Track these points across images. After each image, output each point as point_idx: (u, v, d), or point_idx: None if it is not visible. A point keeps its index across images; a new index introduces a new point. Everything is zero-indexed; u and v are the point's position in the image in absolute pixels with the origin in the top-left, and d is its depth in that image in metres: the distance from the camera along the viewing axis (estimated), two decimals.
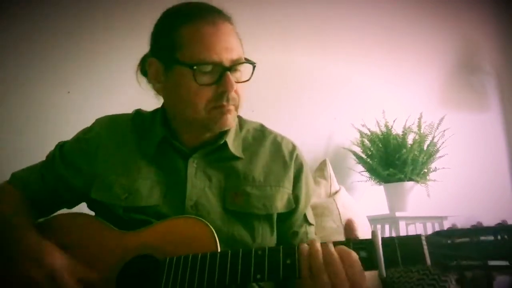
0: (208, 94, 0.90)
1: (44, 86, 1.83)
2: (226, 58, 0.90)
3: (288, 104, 2.29)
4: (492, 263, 0.64)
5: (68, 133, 1.07)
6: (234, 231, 0.94)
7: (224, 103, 0.91)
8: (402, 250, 0.69)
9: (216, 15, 0.93)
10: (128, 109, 1.10)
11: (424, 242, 0.68)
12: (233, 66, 0.91)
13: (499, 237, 0.65)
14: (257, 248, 0.77)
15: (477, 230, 0.67)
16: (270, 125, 1.11)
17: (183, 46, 0.90)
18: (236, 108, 0.95)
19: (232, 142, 1.00)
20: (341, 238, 1.63)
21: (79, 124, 1.09)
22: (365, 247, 0.71)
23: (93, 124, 1.07)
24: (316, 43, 2.46)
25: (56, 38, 1.88)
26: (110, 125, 1.04)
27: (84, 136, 1.04)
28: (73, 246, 0.88)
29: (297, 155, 1.06)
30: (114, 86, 1.94)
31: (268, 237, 0.98)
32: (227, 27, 0.93)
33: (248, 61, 0.94)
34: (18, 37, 1.82)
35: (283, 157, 1.04)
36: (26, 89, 1.81)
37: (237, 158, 1.00)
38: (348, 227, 0.78)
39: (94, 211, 1.01)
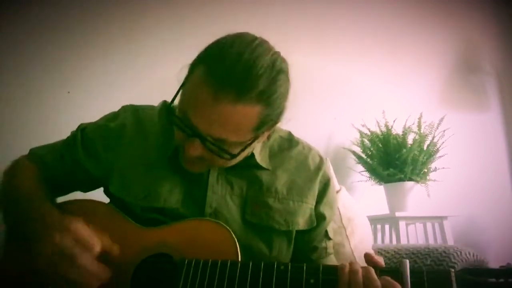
0: (180, 137, 0.84)
1: (44, 86, 1.83)
2: (204, 129, 0.78)
3: (288, 104, 2.29)
4: None
5: (68, 133, 1.06)
6: (252, 242, 0.92)
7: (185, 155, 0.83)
8: (431, 284, 0.68)
9: (231, 89, 0.74)
10: None
11: (453, 279, 0.68)
12: (209, 140, 0.79)
13: None
14: (280, 262, 0.75)
15: (505, 271, 0.67)
16: None
17: (187, 82, 0.80)
18: (210, 166, 0.89)
19: (259, 153, 0.96)
20: (341, 238, 1.62)
21: (79, 124, 1.08)
22: (393, 276, 0.69)
23: (119, 112, 1.02)
24: (316, 43, 2.46)
25: (56, 38, 1.88)
26: (135, 116, 0.99)
27: (108, 123, 0.99)
28: None
29: (324, 170, 1.01)
30: (114, 86, 1.94)
31: (284, 251, 0.96)
32: (230, 110, 0.75)
33: (228, 153, 0.81)
34: (18, 37, 1.82)
35: (308, 170, 0.99)
36: (26, 89, 1.81)
37: (262, 167, 0.96)
38: (369, 260, 0.77)
39: (110, 199, 0.99)
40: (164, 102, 1.02)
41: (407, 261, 0.70)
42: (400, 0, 2.78)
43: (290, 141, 1.04)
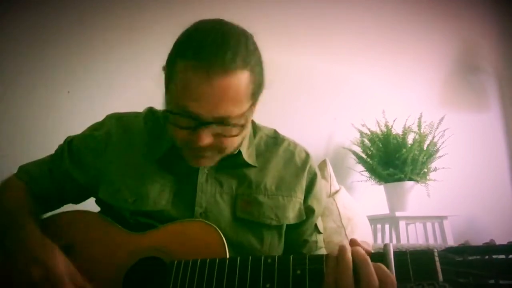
0: (183, 135, 0.83)
1: (44, 86, 1.84)
2: (207, 112, 0.78)
3: (288, 104, 2.29)
4: (503, 282, 0.64)
5: (68, 133, 1.06)
6: (243, 238, 0.92)
7: (196, 151, 0.85)
8: (414, 265, 0.68)
9: (217, 63, 0.77)
10: (128, 109, 1.10)
11: (436, 258, 0.67)
12: (214, 122, 0.80)
13: (510, 256, 0.65)
14: (267, 256, 0.76)
15: (489, 248, 0.67)
16: (270, 125, 1.11)
17: (172, 80, 0.82)
18: (220, 153, 0.88)
19: (246, 150, 0.97)
20: (341, 238, 1.63)
21: (79, 124, 1.08)
22: (377, 260, 0.69)
23: (104, 120, 1.03)
24: (316, 43, 2.46)
25: (56, 38, 1.88)
26: (120, 123, 1.01)
27: (93, 132, 1.01)
28: (79, 245, 0.87)
29: (310, 165, 1.03)
30: (114, 86, 1.94)
31: (276, 245, 0.97)
32: (225, 82, 0.77)
33: (235, 125, 0.82)
34: (18, 37, 1.82)
35: (295, 166, 1.01)
36: (26, 89, 1.81)
37: (250, 165, 0.97)
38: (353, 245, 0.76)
39: (101, 208, 1.00)
40: (150, 108, 1.04)
41: (391, 244, 0.70)
42: (400, 0, 2.79)
43: (275, 138, 1.06)
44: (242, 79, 0.79)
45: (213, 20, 0.86)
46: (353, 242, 0.74)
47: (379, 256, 0.70)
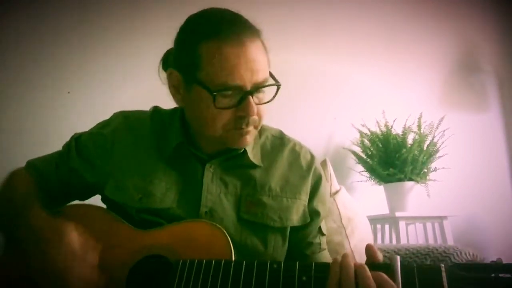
0: (227, 116, 0.86)
1: (44, 86, 1.83)
2: (250, 81, 0.83)
3: (288, 104, 2.29)
4: None
5: (68, 133, 1.06)
6: (247, 240, 0.93)
7: (243, 126, 0.87)
8: (421, 279, 0.68)
9: (243, 31, 0.84)
10: (129, 109, 1.10)
11: (443, 274, 0.67)
12: (256, 89, 0.85)
13: None
14: (273, 261, 0.76)
15: (496, 266, 0.67)
16: (270, 125, 1.10)
17: (204, 66, 0.84)
18: (256, 128, 0.91)
19: (251, 150, 0.98)
20: (341, 238, 1.63)
21: (79, 124, 1.09)
22: (384, 272, 0.69)
23: (111, 118, 1.04)
24: (316, 43, 2.46)
25: (56, 38, 1.88)
26: (127, 122, 1.02)
27: (101, 130, 1.01)
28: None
29: (315, 167, 1.03)
30: (114, 86, 1.94)
31: (280, 247, 0.97)
32: (255, 46, 0.85)
33: (273, 83, 0.88)
34: (18, 37, 1.82)
35: (300, 168, 1.02)
36: (26, 89, 1.81)
37: (255, 166, 0.98)
38: (369, 252, 0.77)
39: (106, 205, 1.00)
40: (155, 107, 1.05)
41: (398, 256, 0.70)
42: (401, 0, 2.79)
43: (281, 139, 1.06)
44: (261, 43, 0.88)
45: (205, 9, 0.92)
46: (368, 248, 0.74)
47: (385, 267, 0.70)
